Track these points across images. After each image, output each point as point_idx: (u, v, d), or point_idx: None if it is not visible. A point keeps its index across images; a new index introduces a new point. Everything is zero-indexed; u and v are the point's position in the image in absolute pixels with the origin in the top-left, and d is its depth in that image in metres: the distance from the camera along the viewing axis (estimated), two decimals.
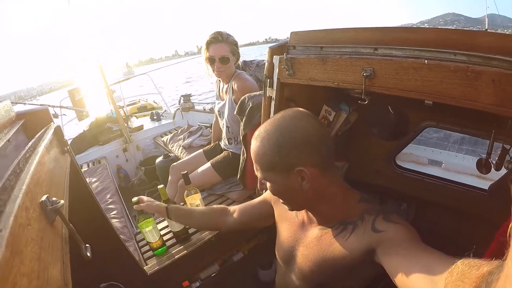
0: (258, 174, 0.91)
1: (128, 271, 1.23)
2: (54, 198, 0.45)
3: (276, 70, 1.15)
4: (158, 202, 1.42)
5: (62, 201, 0.45)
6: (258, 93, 1.72)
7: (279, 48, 1.15)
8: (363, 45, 0.93)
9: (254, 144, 0.89)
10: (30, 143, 0.55)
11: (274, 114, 1.23)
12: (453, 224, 1.27)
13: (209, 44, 2.03)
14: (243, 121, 1.70)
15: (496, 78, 0.68)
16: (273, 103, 1.24)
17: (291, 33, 1.12)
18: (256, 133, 0.90)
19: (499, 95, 0.69)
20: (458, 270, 0.51)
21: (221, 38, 2.01)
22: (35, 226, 0.37)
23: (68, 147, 0.81)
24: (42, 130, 0.72)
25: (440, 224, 1.32)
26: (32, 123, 0.82)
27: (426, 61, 0.78)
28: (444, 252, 0.64)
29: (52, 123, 0.84)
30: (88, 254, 0.52)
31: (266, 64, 1.19)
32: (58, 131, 0.78)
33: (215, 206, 1.33)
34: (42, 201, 0.42)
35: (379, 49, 0.90)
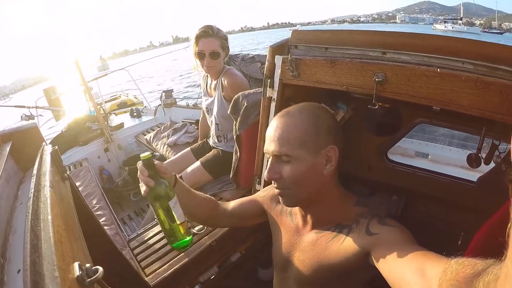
0: (282, 149, 0.86)
1: (131, 286, 1.18)
2: (87, 265, 0.39)
3: (278, 71, 1.12)
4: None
5: (100, 269, 0.39)
6: (252, 91, 1.67)
7: (280, 47, 1.11)
8: (371, 48, 0.92)
9: (284, 120, 0.88)
10: (32, 185, 0.48)
11: (274, 114, 1.21)
12: (442, 213, 1.31)
13: (198, 38, 1.95)
14: (238, 121, 1.65)
15: (503, 89, 0.71)
16: (273, 103, 1.21)
17: (293, 31, 1.08)
18: (283, 112, 0.91)
19: (505, 105, 0.72)
20: (452, 269, 0.51)
21: (211, 32, 1.93)
22: None
23: (67, 173, 0.73)
24: (38, 158, 0.64)
25: (430, 214, 1.35)
26: (20, 145, 0.73)
27: (438, 69, 0.79)
28: (434, 239, 0.66)
29: (43, 143, 0.76)
30: None
31: (267, 63, 1.15)
32: (55, 156, 0.70)
33: (208, 196, 1.21)
34: (77, 276, 0.36)
35: (388, 53, 0.90)
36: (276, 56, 1.11)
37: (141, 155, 0.88)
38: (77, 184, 2.52)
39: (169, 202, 0.90)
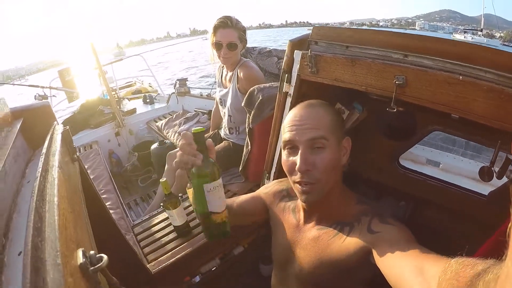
0: (319, 133, 0.85)
1: (132, 271, 1.19)
2: (91, 252, 0.38)
3: (296, 66, 1.09)
4: None
5: (104, 257, 0.38)
6: (268, 85, 1.65)
7: (299, 42, 1.09)
8: (393, 50, 0.89)
9: (312, 109, 0.90)
10: (40, 164, 0.47)
11: (289, 110, 1.19)
12: (449, 223, 1.29)
13: (216, 28, 1.93)
14: (251, 114, 1.63)
15: None
16: (289, 99, 1.19)
17: (314, 27, 1.06)
18: (305, 103, 0.94)
19: None
20: (452, 269, 0.51)
21: (230, 23, 1.91)
22: None
23: (77, 154, 0.72)
24: (48, 137, 0.63)
25: (436, 222, 1.33)
26: (31, 124, 0.72)
27: (461, 77, 0.76)
28: (438, 248, 0.65)
29: (55, 122, 0.75)
30: None
31: (285, 58, 1.13)
32: (66, 136, 0.69)
33: None
34: (81, 264, 0.35)
35: (410, 56, 0.87)
36: (295, 51, 1.09)
37: (193, 129, 0.81)
38: (86, 166, 2.54)
39: (215, 182, 0.81)
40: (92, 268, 0.37)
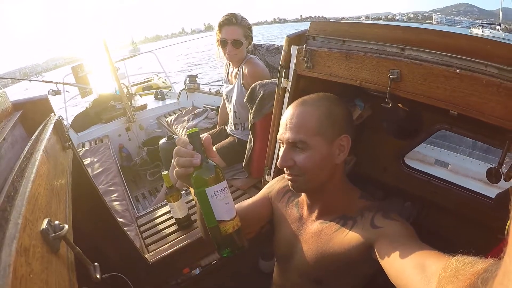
0: (298, 136, 0.84)
1: (130, 260, 1.21)
2: (56, 222, 0.41)
3: (293, 61, 1.10)
4: None
5: (66, 226, 0.41)
6: (270, 81, 1.65)
7: (297, 38, 1.09)
8: (389, 44, 0.88)
9: (301, 108, 0.88)
10: (26, 148, 0.50)
11: (288, 106, 1.19)
12: (454, 227, 1.27)
13: (222, 26, 1.95)
14: (253, 110, 1.65)
15: None
16: (287, 94, 1.19)
17: (311, 23, 1.06)
18: (300, 100, 0.90)
19: None
20: (452, 266, 0.51)
21: (235, 20, 1.93)
22: (38, 265, 0.33)
23: (69, 142, 0.75)
24: (41, 126, 0.67)
25: (441, 225, 1.31)
26: (30, 114, 0.78)
27: (458, 70, 0.74)
28: (441, 251, 0.64)
29: (52, 114, 0.79)
30: (98, 276, 0.48)
31: (283, 53, 1.14)
32: (59, 126, 0.73)
33: None
34: (42, 229, 0.38)
35: (406, 50, 0.85)
36: (292, 46, 1.09)
37: (187, 131, 0.74)
38: (95, 159, 2.61)
39: (219, 184, 0.71)
40: (53, 234, 0.39)
